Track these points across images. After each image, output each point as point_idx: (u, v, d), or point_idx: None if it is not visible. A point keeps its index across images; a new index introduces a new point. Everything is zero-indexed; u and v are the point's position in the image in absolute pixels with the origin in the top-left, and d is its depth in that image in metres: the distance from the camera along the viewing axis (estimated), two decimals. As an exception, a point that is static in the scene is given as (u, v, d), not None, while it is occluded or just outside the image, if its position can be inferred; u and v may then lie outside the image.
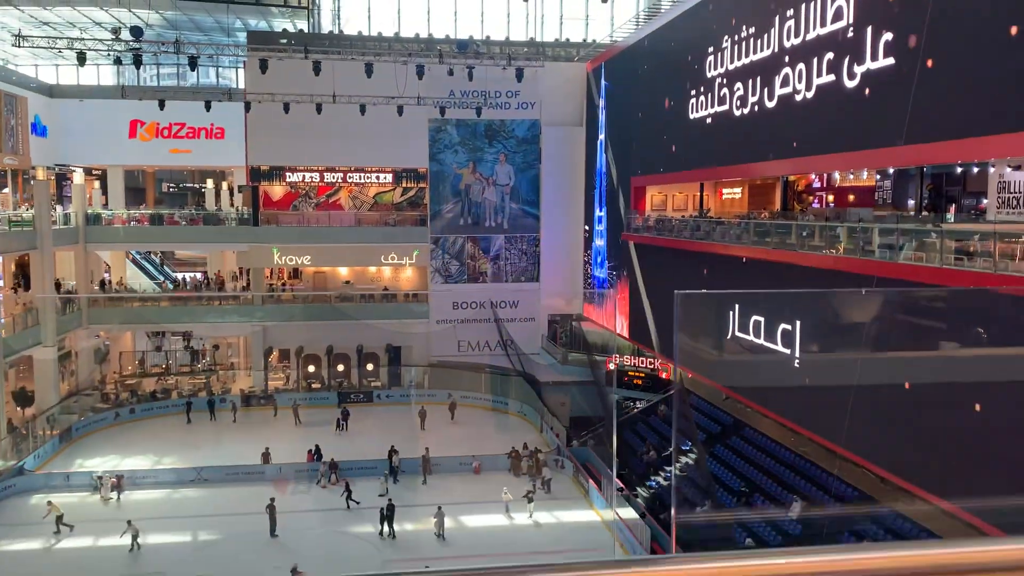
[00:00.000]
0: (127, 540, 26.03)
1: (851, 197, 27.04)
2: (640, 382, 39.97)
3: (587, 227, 45.27)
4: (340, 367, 46.44)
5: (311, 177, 46.80)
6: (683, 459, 32.55)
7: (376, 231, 47.00)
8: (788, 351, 23.09)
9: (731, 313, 26.61)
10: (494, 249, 48.07)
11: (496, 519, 29.64)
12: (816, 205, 29.77)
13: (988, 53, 14.78)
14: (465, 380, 44.70)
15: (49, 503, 26.54)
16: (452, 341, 47.43)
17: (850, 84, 18.81)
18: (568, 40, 51.02)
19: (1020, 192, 19.24)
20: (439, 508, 28.05)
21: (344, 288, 48.28)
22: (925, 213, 22.38)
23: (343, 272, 49.19)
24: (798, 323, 22.59)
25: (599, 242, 43.24)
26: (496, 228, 47.92)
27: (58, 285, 42.40)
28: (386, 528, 27.57)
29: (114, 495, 31.05)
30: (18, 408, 39.28)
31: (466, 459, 34.01)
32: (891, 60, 17.02)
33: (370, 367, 46.54)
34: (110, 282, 48.91)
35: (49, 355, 39.33)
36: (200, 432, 39.14)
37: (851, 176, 26.52)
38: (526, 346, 46.50)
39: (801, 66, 21.09)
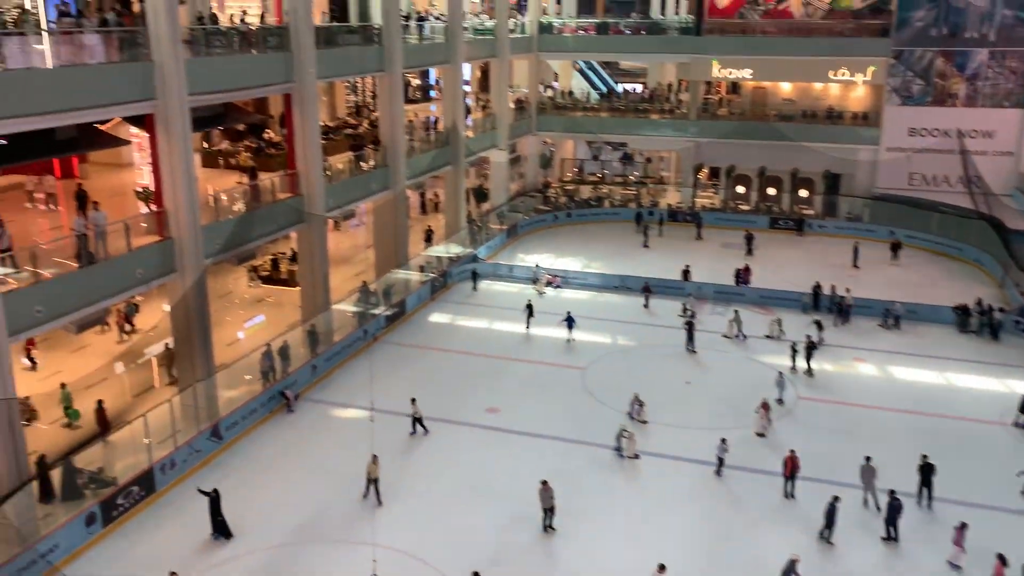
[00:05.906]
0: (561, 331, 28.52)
1: None
2: None
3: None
4: (771, 190, 44.12)
5: (761, -19, 43.01)
6: None
7: (827, 42, 42.06)
8: None
9: None
10: (972, 66, 40.38)
11: (927, 375, 26.49)
12: None
13: None
14: (913, 218, 39.68)
15: (374, 459, 19.10)
16: (903, 173, 42.03)
17: None
18: None
19: None
20: (735, 312, 29.31)
21: (785, 106, 44.81)
22: None
23: (785, 88, 45.51)
24: None
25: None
26: (979, 40, 39.95)
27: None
28: (801, 364, 26.32)
29: (548, 290, 33.90)
30: (476, 203, 44.23)
31: (894, 305, 30.41)
32: None
33: (804, 193, 43.49)
34: (557, 90, 51.29)
35: (502, 157, 43.11)
36: (626, 241, 40.56)
37: None
38: (996, 185, 39.48)
39: None
